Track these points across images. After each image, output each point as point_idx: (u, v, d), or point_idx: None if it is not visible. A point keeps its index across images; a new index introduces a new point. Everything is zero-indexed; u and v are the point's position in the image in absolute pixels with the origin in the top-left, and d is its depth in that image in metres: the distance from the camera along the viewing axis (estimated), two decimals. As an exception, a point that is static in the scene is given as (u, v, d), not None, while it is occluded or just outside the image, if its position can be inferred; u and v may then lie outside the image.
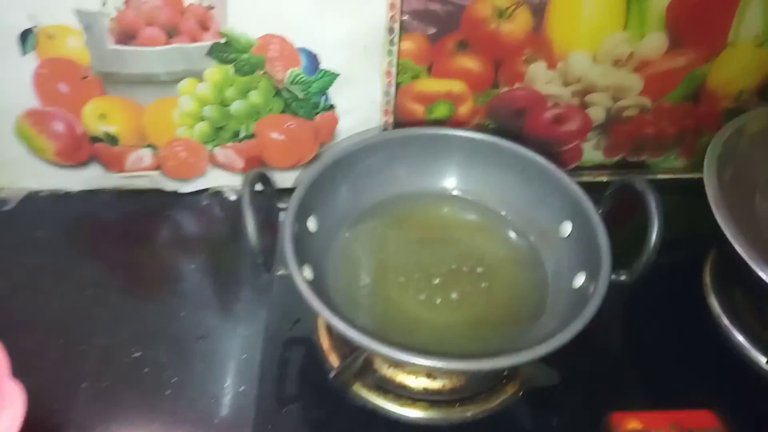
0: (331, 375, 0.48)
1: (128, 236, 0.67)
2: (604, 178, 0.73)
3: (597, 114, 0.67)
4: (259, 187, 0.51)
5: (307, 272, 0.49)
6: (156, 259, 0.65)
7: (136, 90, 0.61)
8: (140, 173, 0.68)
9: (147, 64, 0.59)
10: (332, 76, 0.61)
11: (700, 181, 0.55)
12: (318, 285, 0.50)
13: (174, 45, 0.58)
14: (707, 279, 0.62)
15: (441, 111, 0.66)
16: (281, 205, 0.51)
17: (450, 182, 0.63)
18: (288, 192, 0.53)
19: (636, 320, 0.61)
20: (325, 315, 0.43)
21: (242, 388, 0.54)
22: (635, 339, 0.59)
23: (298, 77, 0.61)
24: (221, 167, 0.69)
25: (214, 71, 0.60)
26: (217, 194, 0.71)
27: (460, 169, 0.62)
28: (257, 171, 0.47)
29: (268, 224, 0.62)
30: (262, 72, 0.60)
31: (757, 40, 0.63)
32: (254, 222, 0.43)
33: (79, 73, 0.59)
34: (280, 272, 0.47)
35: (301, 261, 0.47)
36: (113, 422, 0.51)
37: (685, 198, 0.62)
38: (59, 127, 0.63)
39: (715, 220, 0.51)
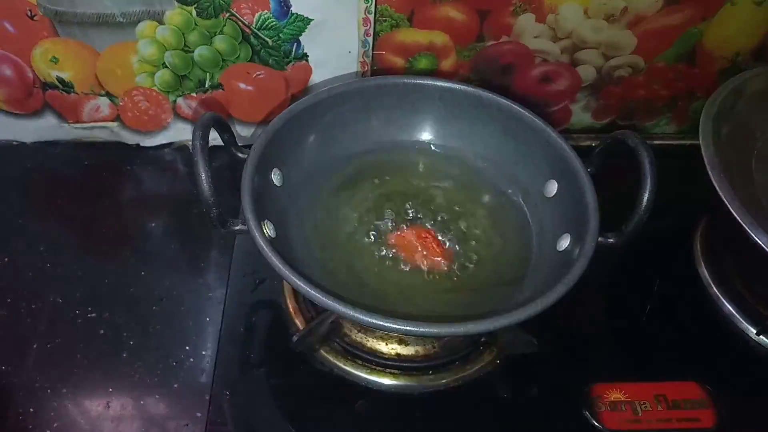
0: (294, 338, 0.45)
1: (86, 191, 0.64)
2: (592, 142, 0.71)
3: (587, 73, 0.65)
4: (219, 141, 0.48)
5: (269, 229, 0.46)
6: (115, 216, 0.62)
7: (90, 32, 0.57)
8: (98, 124, 0.65)
9: (101, 2, 0.54)
10: (305, 22, 0.58)
11: (692, 147, 0.53)
12: (282, 243, 0.47)
13: (130, -18, 0.54)
14: (697, 247, 0.61)
15: (422, 64, 0.62)
16: (244, 156, 0.48)
17: (427, 136, 0.60)
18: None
19: (622, 288, 0.59)
20: (284, 273, 0.40)
21: (204, 351, 0.52)
22: (620, 308, 0.58)
23: (268, 21, 0.57)
24: (185, 119, 0.65)
25: (175, 13, 0.56)
26: (181, 149, 0.68)
27: (438, 121, 0.59)
28: (211, 114, 0.43)
29: (232, 179, 0.59)
30: (227, 15, 0.56)
31: (758, -3, 0.60)
32: (206, 169, 0.39)
33: (25, 11, 0.55)
34: (238, 227, 0.44)
35: (262, 216, 0.44)
36: (65, 385, 0.49)
37: (676, 164, 0.60)
38: (7, 71, 0.59)
39: (709, 184, 0.49)
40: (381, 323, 0.39)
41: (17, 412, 0.47)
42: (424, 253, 0.51)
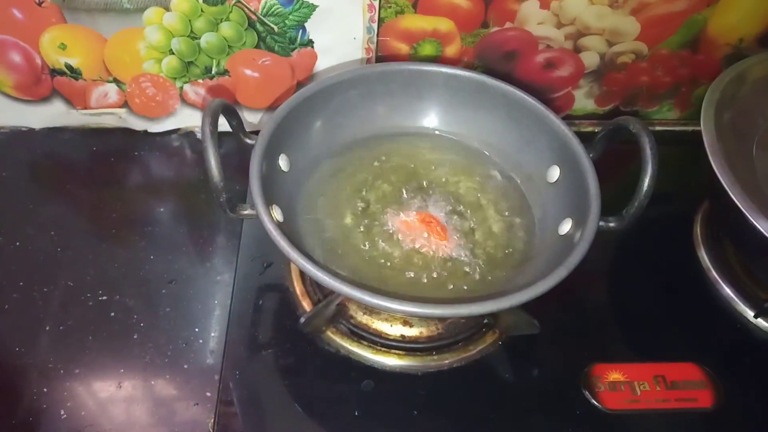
0: (301, 320, 0.46)
1: (94, 177, 0.64)
2: (595, 128, 0.71)
3: (590, 59, 0.65)
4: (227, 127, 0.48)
5: (277, 213, 0.47)
6: (124, 201, 0.62)
7: (98, 18, 0.57)
8: (106, 110, 0.65)
9: (108, -11, 0.55)
10: (310, 8, 0.58)
11: (694, 133, 0.53)
12: (289, 227, 0.48)
13: (137, -32, 0.54)
14: (697, 231, 0.62)
15: (427, 51, 0.62)
16: (252, 142, 0.48)
17: (432, 121, 0.60)
18: (261, 131, 0.51)
19: (622, 271, 0.60)
20: (293, 257, 0.41)
21: (213, 333, 0.53)
22: (621, 290, 0.58)
23: (273, 8, 0.57)
24: (192, 106, 0.66)
25: (182, 0, 0.56)
26: (188, 135, 0.68)
27: (442, 107, 0.59)
28: (220, 101, 0.43)
29: (239, 164, 0.60)
30: (233, 2, 0.57)
31: (762, -17, 0.60)
32: (216, 156, 0.40)
33: (34, -2, 0.56)
34: (246, 212, 0.45)
35: (270, 201, 0.44)
36: (78, 365, 0.50)
37: (678, 150, 0.61)
38: (16, 57, 0.60)
39: (710, 169, 0.50)
40: (386, 305, 0.40)
41: (32, 391, 0.48)
42: (429, 237, 0.52)
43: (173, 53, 0.60)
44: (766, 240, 0.46)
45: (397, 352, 0.51)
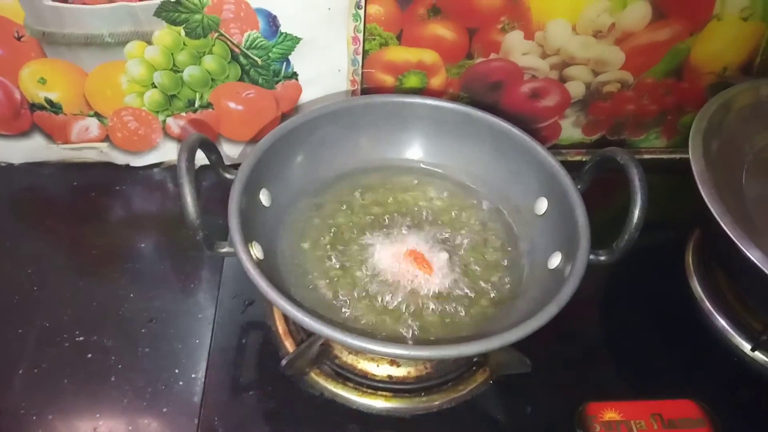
0: (283, 363, 0.45)
1: (75, 212, 0.63)
2: (583, 158, 0.71)
3: (576, 89, 0.65)
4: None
5: (257, 250, 0.45)
6: (104, 236, 0.61)
7: (79, 52, 0.57)
8: (87, 145, 0.64)
9: (89, 23, 0.54)
10: (294, 41, 0.58)
11: (681, 160, 0.53)
12: (270, 265, 0.47)
13: (118, 3, 0.53)
14: (689, 261, 0.61)
15: (412, 82, 0.62)
16: (232, 177, 0.47)
17: (417, 154, 0.60)
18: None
19: (614, 304, 0.59)
20: (272, 297, 0.39)
21: (193, 375, 0.51)
22: (613, 324, 0.57)
23: (257, 41, 0.57)
24: (175, 139, 0.65)
25: (164, 33, 0.56)
26: (171, 169, 0.67)
27: (427, 140, 0.59)
28: (197, 135, 0.43)
29: (222, 198, 0.59)
30: (216, 35, 0.57)
31: (743, 13, 0.60)
32: (192, 192, 0.39)
33: (12, 32, 0.55)
34: (225, 249, 0.43)
35: (249, 238, 0.43)
36: (53, 410, 0.48)
37: (666, 178, 0.60)
38: (-6, 92, 0.59)
39: (699, 199, 0.49)
40: (370, 347, 0.38)
41: (2, 439, 0.46)
42: (414, 272, 0.51)
43: (155, 87, 0.60)
44: (758, 269, 0.45)
45: (384, 393, 0.49)
